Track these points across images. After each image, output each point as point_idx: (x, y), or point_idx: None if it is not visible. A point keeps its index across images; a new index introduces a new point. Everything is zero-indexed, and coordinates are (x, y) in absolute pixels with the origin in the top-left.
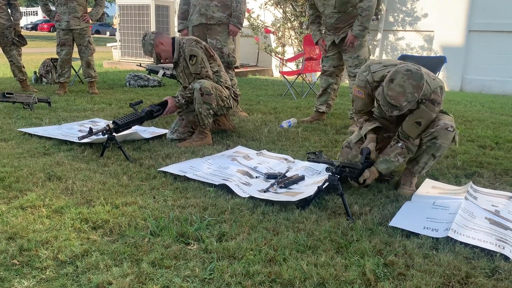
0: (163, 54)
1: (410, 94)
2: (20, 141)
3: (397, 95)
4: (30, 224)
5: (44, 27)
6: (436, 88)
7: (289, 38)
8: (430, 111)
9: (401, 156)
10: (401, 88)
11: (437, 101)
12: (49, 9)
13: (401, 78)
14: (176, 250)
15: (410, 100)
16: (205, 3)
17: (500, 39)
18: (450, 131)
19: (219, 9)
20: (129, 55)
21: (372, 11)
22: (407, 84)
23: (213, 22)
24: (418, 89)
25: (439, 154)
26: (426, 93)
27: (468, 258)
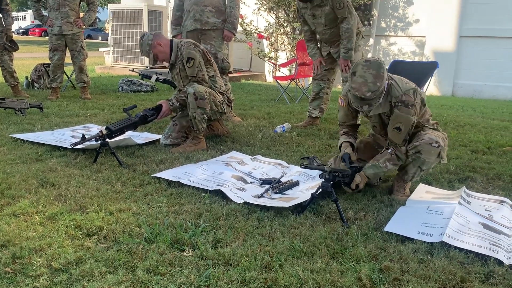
0: (161, 55)
1: (372, 83)
2: (12, 147)
3: (359, 86)
4: (23, 231)
5: (35, 32)
6: (408, 90)
7: (282, 44)
8: (406, 114)
9: (390, 162)
10: (362, 79)
11: (410, 103)
12: (41, 14)
13: (361, 69)
14: (171, 257)
15: (373, 89)
16: (199, 8)
17: (491, 45)
18: (434, 147)
19: (214, 14)
20: (122, 60)
21: (352, 32)
22: (367, 74)
23: (208, 27)
24: (379, 77)
25: (426, 168)
26: (397, 95)
27: (462, 263)
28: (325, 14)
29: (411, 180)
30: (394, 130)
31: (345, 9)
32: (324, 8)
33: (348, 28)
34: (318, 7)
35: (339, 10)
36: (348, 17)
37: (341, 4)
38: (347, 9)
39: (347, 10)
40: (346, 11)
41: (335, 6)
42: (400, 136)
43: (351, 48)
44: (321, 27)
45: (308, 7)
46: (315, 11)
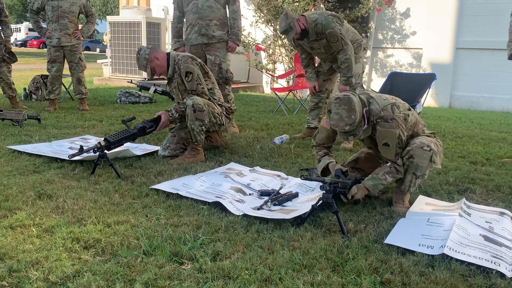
0: (158, 69)
1: (347, 117)
2: (10, 158)
3: (336, 122)
4: (20, 244)
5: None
6: (385, 106)
7: (280, 55)
8: (388, 128)
9: (389, 175)
10: (337, 115)
11: (390, 117)
12: (40, 26)
13: (334, 107)
14: (170, 270)
15: (349, 122)
16: (204, 23)
17: (487, 57)
18: (426, 150)
19: (219, 27)
20: (120, 71)
21: (350, 62)
22: (341, 110)
23: (214, 41)
24: (351, 111)
25: (420, 174)
26: (376, 112)
27: (464, 276)
28: (323, 46)
29: (408, 190)
30: (383, 147)
31: (339, 42)
32: (320, 42)
33: (346, 58)
34: (315, 41)
35: (334, 43)
36: (344, 48)
37: (335, 37)
38: (341, 41)
39: (342, 42)
40: (341, 43)
41: (330, 39)
42: (391, 151)
43: (351, 76)
44: (321, 55)
45: (305, 41)
46: (312, 44)
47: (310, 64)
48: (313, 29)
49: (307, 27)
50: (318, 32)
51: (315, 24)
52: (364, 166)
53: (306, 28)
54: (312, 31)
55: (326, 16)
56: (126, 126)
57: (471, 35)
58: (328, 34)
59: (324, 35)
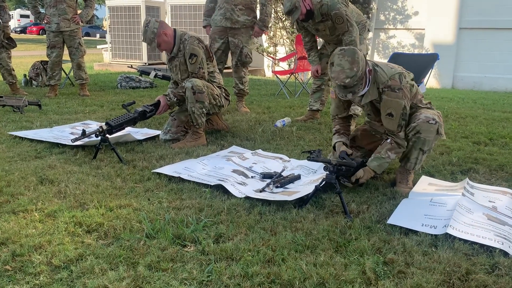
0: (163, 45)
1: (349, 69)
2: (11, 144)
3: (337, 74)
4: (23, 228)
5: (33, 30)
6: (393, 75)
7: (281, 38)
8: (394, 98)
9: (391, 151)
10: (339, 67)
11: (397, 87)
12: (38, 11)
13: (338, 58)
14: (173, 253)
15: (350, 75)
16: (230, 7)
17: (490, 36)
18: (432, 124)
19: (244, 12)
20: (120, 56)
21: (355, 44)
22: (343, 61)
23: (238, 26)
24: (354, 63)
25: (427, 148)
26: (383, 80)
27: (467, 255)
28: (328, 27)
29: (414, 168)
30: (387, 117)
31: (345, 23)
32: (326, 23)
33: (351, 40)
34: (320, 22)
35: (339, 25)
36: (350, 30)
37: (341, 19)
38: (347, 22)
39: (348, 23)
40: (347, 24)
41: (335, 21)
42: (394, 122)
43: None
44: (326, 37)
45: (310, 23)
46: (317, 26)
47: (313, 47)
48: (318, 10)
49: (312, 8)
50: (323, 14)
51: (320, 5)
52: (362, 143)
53: (312, 9)
54: (318, 13)
55: None
56: (127, 111)
57: (474, 14)
58: (334, 16)
59: (330, 16)
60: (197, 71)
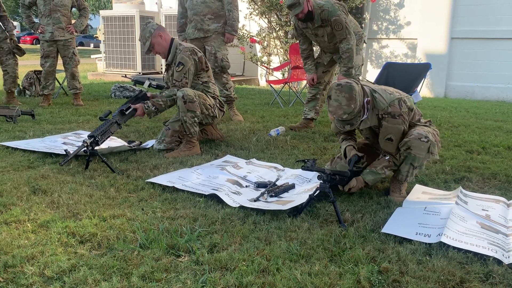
0: (157, 47)
1: (346, 106)
2: (3, 154)
3: (335, 109)
4: (15, 239)
5: (26, 40)
6: (392, 101)
7: (275, 48)
8: (394, 124)
9: (387, 169)
10: (336, 102)
11: (397, 113)
12: (32, 21)
13: (335, 93)
14: (167, 263)
15: (348, 111)
16: (199, 18)
17: (482, 46)
18: (423, 141)
19: (213, 21)
20: (114, 66)
21: (352, 52)
22: (341, 97)
23: (210, 34)
24: (351, 99)
25: (418, 164)
26: (382, 107)
27: (461, 263)
28: (327, 33)
29: (405, 180)
30: (386, 141)
31: (343, 30)
32: (325, 29)
33: (348, 48)
34: (320, 27)
35: (338, 31)
36: (347, 38)
37: (340, 25)
38: (345, 29)
39: (346, 31)
40: (345, 31)
41: (334, 27)
42: (393, 146)
43: (352, 66)
44: (324, 44)
45: (310, 27)
46: (317, 31)
47: (310, 55)
48: (318, 15)
49: (313, 11)
50: (323, 19)
51: (321, 10)
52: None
53: (313, 11)
54: (318, 17)
55: (332, 4)
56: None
57: (466, 24)
58: (334, 22)
59: (329, 22)
60: (180, 80)
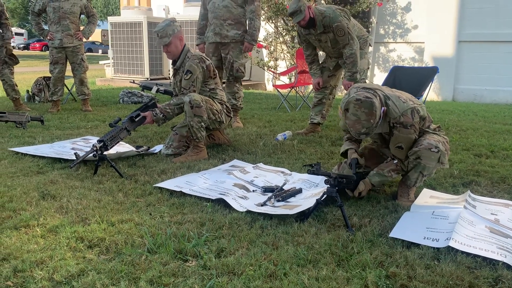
0: (172, 47)
1: (365, 121)
2: (13, 160)
3: (353, 123)
4: (24, 244)
5: (36, 47)
6: (405, 111)
7: (281, 52)
8: (405, 134)
9: (394, 172)
10: (355, 117)
11: (409, 124)
12: (41, 28)
13: (353, 108)
14: (174, 267)
15: (367, 126)
16: (219, 22)
17: (490, 49)
18: (434, 152)
19: (233, 27)
20: (122, 72)
21: (356, 57)
22: (360, 112)
23: (227, 40)
24: (371, 115)
25: (427, 173)
26: (394, 116)
27: (470, 268)
28: (330, 39)
29: (414, 185)
30: (396, 148)
31: (346, 36)
32: (328, 35)
33: (352, 53)
34: (322, 33)
35: (340, 37)
36: (350, 43)
37: (342, 31)
38: (348, 35)
39: (349, 36)
40: (348, 37)
41: (336, 33)
42: (403, 153)
43: (356, 71)
44: (328, 49)
45: (313, 33)
46: (320, 37)
47: (314, 60)
48: (320, 21)
49: (315, 18)
50: (325, 25)
51: (323, 16)
52: (369, 162)
53: (315, 18)
54: (320, 24)
55: (334, 10)
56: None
57: (473, 28)
58: (335, 28)
59: (331, 28)
60: (188, 88)
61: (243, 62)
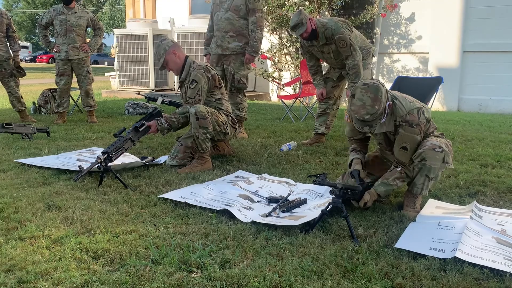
0: (171, 64)
1: (370, 106)
2: (19, 171)
3: (358, 109)
4: (29, 255)
5: (42, 59)
6: (412, 110)
7: (286, 63)
8: (411, 133)
9: (399, 180)
10: (360, 102)
11: (415, 122)
12: (48, 40)
13: (360, 92)
14: (179, 279)
15: (371, 112)
16: (220, 34)
17: (495, 59)
18: (438, 152)
19: (235, 39)
20: (128, 83)
21: (358, 68)
22: (366, 97)
23: (228, 52)
24: (376, 100)
25: (433, 176)
26: (401, 114)
27: (477, 279)
28: (332, 51)
29: (420, 193)
30: (401, 150)
31: (348, 47)
32: (330, 46)
33: (354, 64)
34: (325, 45)
35: (343, 49)
36: (353, 54)
37: (344, 43)
38: (350, 46)
39: (351, 48)
40: (350, 48)
41: (338, 45)
42: (407, 155)
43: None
44: (331, 60)
45: (315, 45)
46: (322, 48)
47: (318, 71)
48: (323, 33)
49: (317, 30)
50: (327, 37)
51: (325, 29)
52: (373, 170)
53: (317, 30)
54: (322, 35)
55: (336, 22)
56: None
57: (478, 38)
58: (337, 39)
59: (334, 40)
60: (194, 97)
61: (244, 73)
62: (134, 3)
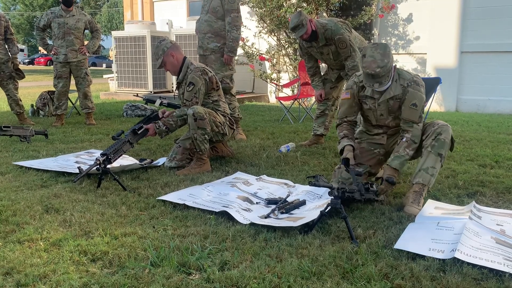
0: (169, 66)
1: (380, 60)
2: (17, 174)
3: (369, 63)
4: (28, 258)
5: (40, 61)
6: (415, 75)
7: (284, 65)
8: (418, 91)
9: (409, 148)
10: (371, 58)
11: (421, 83)
12: (46, 43)
13: (370, 50)
14: (178, 281)
15: (382, 65)
16: (201, 36)
17: (493, 60)
18: (448, 126)
19: (213, 40)
20: (126, 86)
21: (358, 68)
22: (376, 53)
23: (208, 53)
24: (385, 55)
25: (444, 153)
26: (408, 77)
27: (477, 280)
28: (331, 52)
29: (429, 182)
30: (411, 107)
31: (348, 48)
32: (330, 47)
33: (354, 65)
34: (324, 46)
35: (342, 50)
36: (352, 55)
37: (344, 44)
38: (350, 47)
39: (351, 49)
40: (350, 49)
41: (338, 45)
42: (417, 113)
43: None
44: (329, 61)
45: (315, 46)
46: (321, 49)
47: (316, 73)
48: (322, 34)
49: (317, 31)
50: (327, 38)
51: (324, 29)
52: (362, 160)
53: (317, 31)
54: (322, 36)
55: (335, 22)
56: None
57: (476, 38)
58: (337, 40)
59: (333, 41)
60: (191, 99)
61: (226, 74)
62: (132, 5)
